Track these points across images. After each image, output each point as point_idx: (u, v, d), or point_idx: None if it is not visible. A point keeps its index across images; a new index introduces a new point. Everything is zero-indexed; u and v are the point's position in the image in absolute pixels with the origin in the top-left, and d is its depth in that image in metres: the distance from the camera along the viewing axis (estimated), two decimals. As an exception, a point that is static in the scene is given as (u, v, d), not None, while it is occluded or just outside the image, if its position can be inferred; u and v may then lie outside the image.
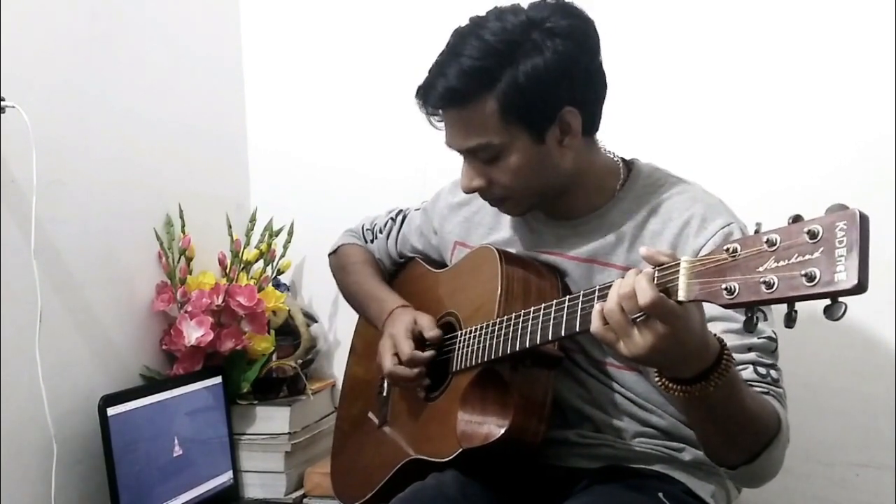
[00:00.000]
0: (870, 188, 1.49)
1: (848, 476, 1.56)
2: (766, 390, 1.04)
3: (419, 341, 1.27)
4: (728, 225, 1.12)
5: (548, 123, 1.12)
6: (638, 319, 0.85)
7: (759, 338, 1.07)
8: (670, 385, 0.90)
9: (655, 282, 0.84)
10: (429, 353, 1.25)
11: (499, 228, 1.31)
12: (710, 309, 1.03)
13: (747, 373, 1.05)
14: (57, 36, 1.44)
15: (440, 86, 1.12)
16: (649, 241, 1.15)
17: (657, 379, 0.92)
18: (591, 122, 1.17)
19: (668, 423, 1.18)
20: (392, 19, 1.86)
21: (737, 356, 1.04)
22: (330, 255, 1.59)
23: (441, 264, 1.42)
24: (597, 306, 0.90)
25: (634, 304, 0.84)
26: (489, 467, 1.17)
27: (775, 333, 1.09)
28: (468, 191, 1.20)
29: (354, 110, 1.91)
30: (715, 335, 0.91)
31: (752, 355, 1.06)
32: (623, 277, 0.88)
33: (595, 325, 0.90)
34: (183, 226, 1.70)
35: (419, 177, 1.79)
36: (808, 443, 1.57)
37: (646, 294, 0.83)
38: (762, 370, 1.05)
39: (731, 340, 1.05)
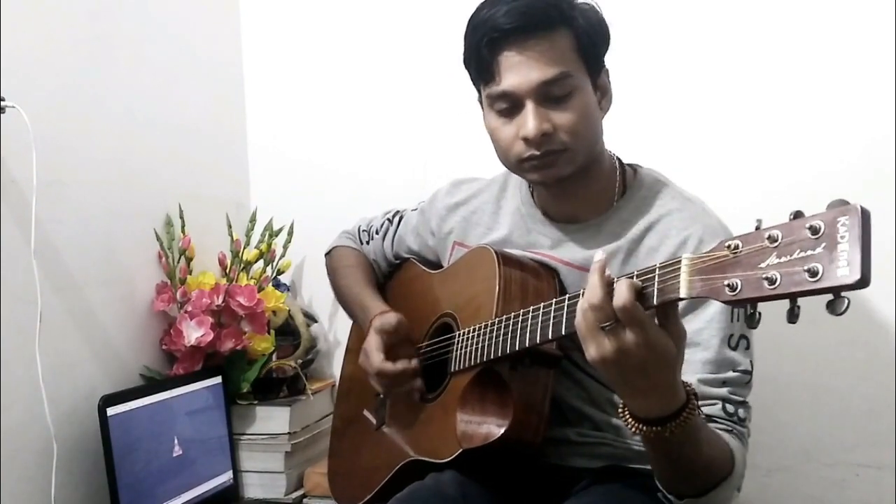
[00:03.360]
0: (870, 187, 1.49)
1: (848, 476, 1.56)
2: (729, 428, 1.04)
3: (405, 346, 1.27)
4: None
5: (597, 76, 1.16)
6: (607, 327, 0.85)
7: (734, 370, 1.07)
8: (629, 420, 0.91)
9: (654, 286, 0.83)
10: (400, 366, 1.25)
11: (496, 228, 1.31)
12: (692, 335, 1.03)
13: (716, 409, 1.05)
14: (57, 36, 1.44)
15: (520, 8, 1.09)
16: (644, 257, 1.15)
17: (620, 410, 0.93)
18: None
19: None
20: (392, 20, 1.86)
21: (709, 389, 1.05)
22: (325, 255, 1.59)
23: (436, 265, 1.41)
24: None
25: (610, 307, 0.84)
26: (489, 467, 1.17)
27: (752, 364, 1.09)
28: (538, 135, 1.10)
29: (354, 110, 1.91)
30: (687, 386, 0.90)
31: (724, 391, 1.06)
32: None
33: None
34: (183, 226, 1.70)
35: (418, 177, 1.79)
36: (808, 443, 1.57)
37: (621, 296, 0.82)
38: (731, 408, 1.06)
39: (706, 372, 1.06)
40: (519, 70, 1.11)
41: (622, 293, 0.83)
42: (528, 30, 1.10)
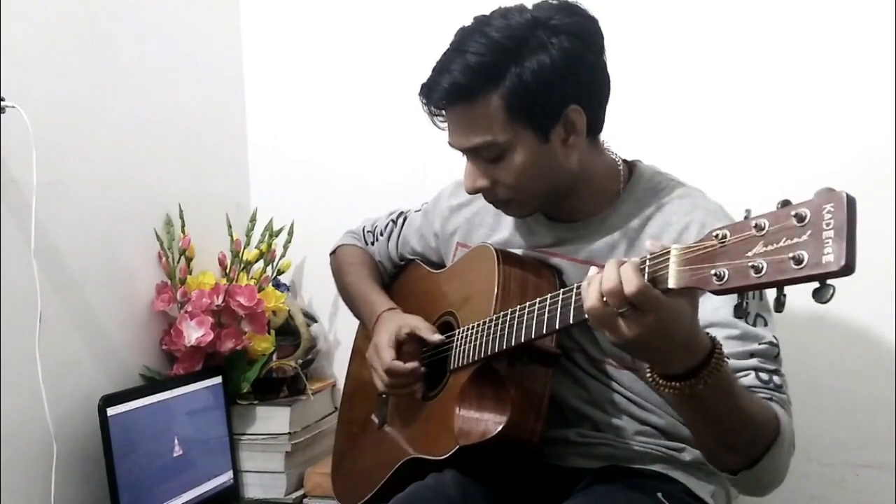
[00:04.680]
0: (870, 188, 1.48)
1: (848, 476, 1.56)
2: (769, 396, 1.02)
3: (413, 345, 1.27)
4: None
5: (553, 122, 1.11)
6: (626, 313, 0.85)
7: (760, 343, 1.06)
8: (661, 381, 0.90)
9: (646, 270, 0.84)
10: (410, 365, 1.25)
11: (499, 229, 1.31)
12: (709, 315, 1.03)
13: (749, 379, 1.03)
14: (57, 36, 1.44)
15: (445, 82, 1.11)
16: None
17: (648, 375, 0.91)
18: (596, 121, 1.17)
19: (667, 423, 1.18)
20: (392, 20, 1.86)
21: (739, 362, 1.03)
22: (330, 255, 1.59)
23: (440, 265, 1.42)
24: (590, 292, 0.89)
25: (620, 294, 0.84)
26: (488, 465, 1.17)
27: (776, 339, 1.08)
28: (472, 192, 1.18)
29: (354, 111, 1.91)
30: (708, 334, 0.90)
31: (753, 361, 1.05)
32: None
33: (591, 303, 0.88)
34: (183, 226, 1.70)
35: (419, 177, 1.79)
36: (808, 443, 1.57)
37: (631, 283, 0.82)
38: (764, 376, 1.04)
39: (732, 347, 1.04)
40: (452, 132, 1.16)
41: (632, 279, 0.83)
42: (452, 102, 1.12)
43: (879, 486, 1.53)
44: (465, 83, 1.09)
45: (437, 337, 1.25)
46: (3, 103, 1.27)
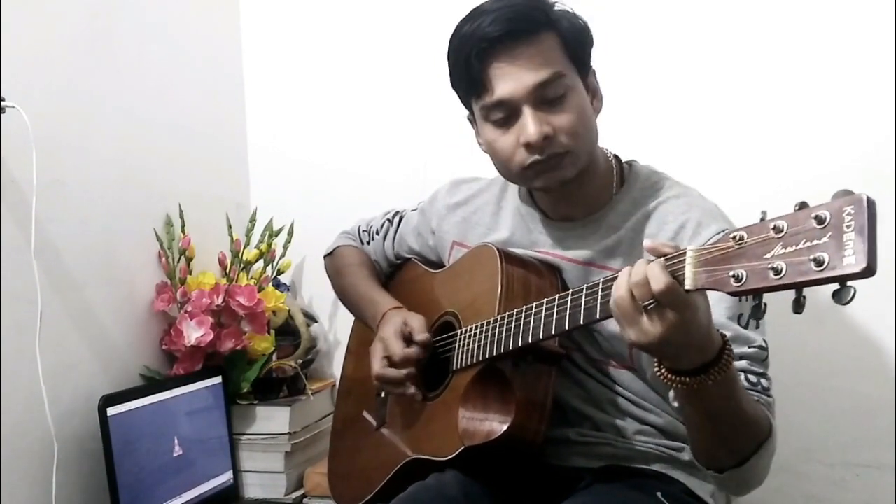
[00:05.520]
0: (870, 188, 1.48)
1: (848, 476, 1.56)
2: (756, 398, 1.03)
3: (410, 342, 1.27)
4: (723, 231, 1.11)
5: (586, 76, 1.16)
6: (649, 307, 0.85)
7: (750, 347, 1.06)
8: (669, 376, 0.90)
9: None
10: (409, 350, 1.24)
11: (497, 229, 1.31)
12: None
13: None
14: (57, 36, 1.44)
15: (504, 16, 1.10)
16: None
17: (656, 369, 0.91)
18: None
19: (666, 422, 1.18)
20: (392, 20, 1.86)
21: None
22: (325, 257, 1.59)
23: (438, 265, 1.41)
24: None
25: (647, 290, 0.84)
26: (491, 466, 1.17)
27: (766, 342, 1.08)
28: (541, 137, 1.10)
29: (354, 110, 1.91)
30: (718, 331, 0.90)
31: (743, 363, 1.05)
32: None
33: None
34: (183, 226, 1.70)
35: (419, 177, 1.79)
36: (808, 443, 1.57)
37: (659, 281, 0.82)
38: (753, 378, 1.05)
39: None
40: (512, 76, 1.11)
41: (660, 277, 0.82)
42: (516, 36, 1.10)
43: (879, 486, 1.53)
44: (525, 16, 1.10)
45: (423, 337, 1.25)
46: (3, 103, 1.27)
